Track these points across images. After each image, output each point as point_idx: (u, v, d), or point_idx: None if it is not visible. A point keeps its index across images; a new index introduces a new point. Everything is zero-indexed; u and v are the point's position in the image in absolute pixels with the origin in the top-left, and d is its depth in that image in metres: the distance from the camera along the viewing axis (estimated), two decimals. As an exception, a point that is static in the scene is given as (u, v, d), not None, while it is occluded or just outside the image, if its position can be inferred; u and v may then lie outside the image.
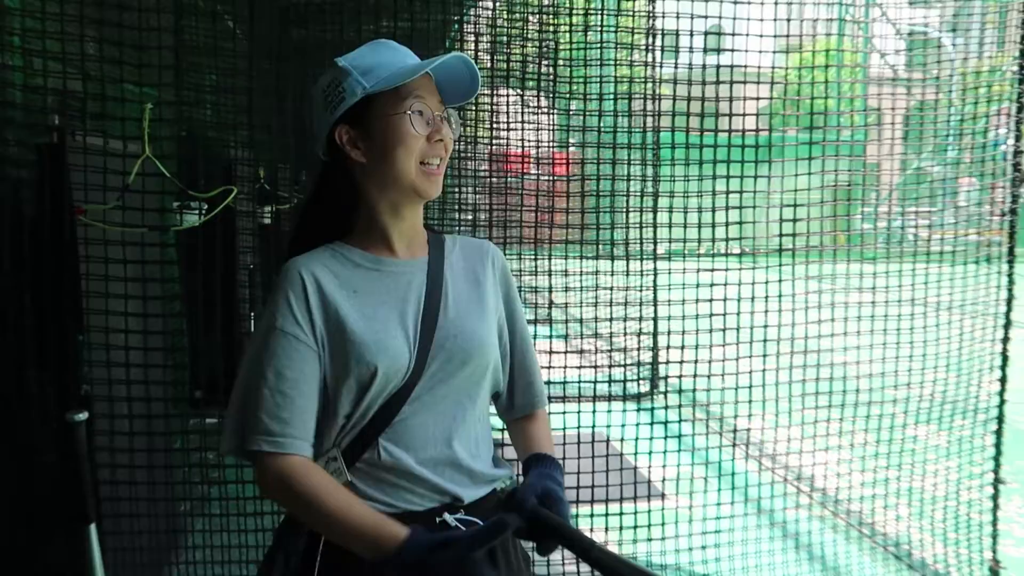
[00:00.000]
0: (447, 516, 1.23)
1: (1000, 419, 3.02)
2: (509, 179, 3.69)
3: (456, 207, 3.89)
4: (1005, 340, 2.96)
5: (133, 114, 2.35)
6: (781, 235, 2.93)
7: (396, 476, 1.21)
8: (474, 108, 3.79)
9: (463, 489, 1.23)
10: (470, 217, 3.76)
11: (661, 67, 3.49)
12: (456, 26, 4.43)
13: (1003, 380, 2.99)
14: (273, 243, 5.38)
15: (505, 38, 3.55)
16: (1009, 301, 2.93)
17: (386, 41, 1.29)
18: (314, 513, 1.15)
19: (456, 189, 4.10)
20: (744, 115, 2.87)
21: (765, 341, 2.89)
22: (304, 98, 3.76)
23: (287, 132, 3.59)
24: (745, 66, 2.96)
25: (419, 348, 1.22)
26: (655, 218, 3.83)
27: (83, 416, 1.68)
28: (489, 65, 3.28)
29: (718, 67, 2.81)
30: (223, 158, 3.67)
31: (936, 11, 3.25)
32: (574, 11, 3.07)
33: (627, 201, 3.46)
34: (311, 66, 3.94)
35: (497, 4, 4.12)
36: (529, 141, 3.50)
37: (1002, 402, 3.00)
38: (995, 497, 3.06)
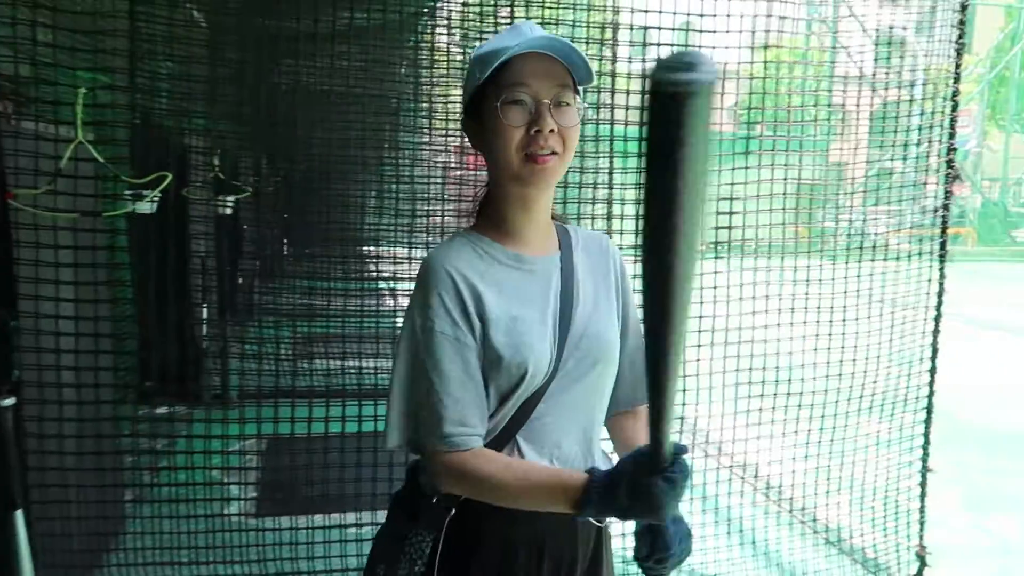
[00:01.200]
0: None
1: (929, 410, 3.13)
2: (472, 172, 3.71)
3: (426, 199, 3.90)
4: (935, 333, 3.06)
5: (82, 100, 2.34)
6: (729, 227, 2.99)
7: None
8: (442, 101, 3.84)
9: None
10: (437, 208, 3.79)
11: (630, 62, 3.54)
12: (425, 19, 4.44)
13: (932, 372, 3.09)
14: (233, 233, 5.36)
15: (475, 31, 3.57)
16: (939, 295, 3.03)
17: (521, 24, 1.23)
18: (500, 493, 1.16)
19: (426, 181, 4.12)
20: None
21: (701, 332, 2.96)
22: (267, 87, 3.77)
23: (250, 122, 3.59)
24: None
25: (557, 347, 1.21)
26: (609, 210, 3.88)
27: (10, 401, 1.68)
28: (460, 58, 3.31)
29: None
30: (177, 146, 3.66)
31: (903, 11, 3.33)
32: (545, 5, 3.09)
33: (593, 193, 3.49)
34: (279, 56, 3.93)
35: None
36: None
37: (931, 393, 3.11)
38: (923, 485, 3.17)
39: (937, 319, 3.05)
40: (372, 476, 2.84)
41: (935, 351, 3.09)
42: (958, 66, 3.03)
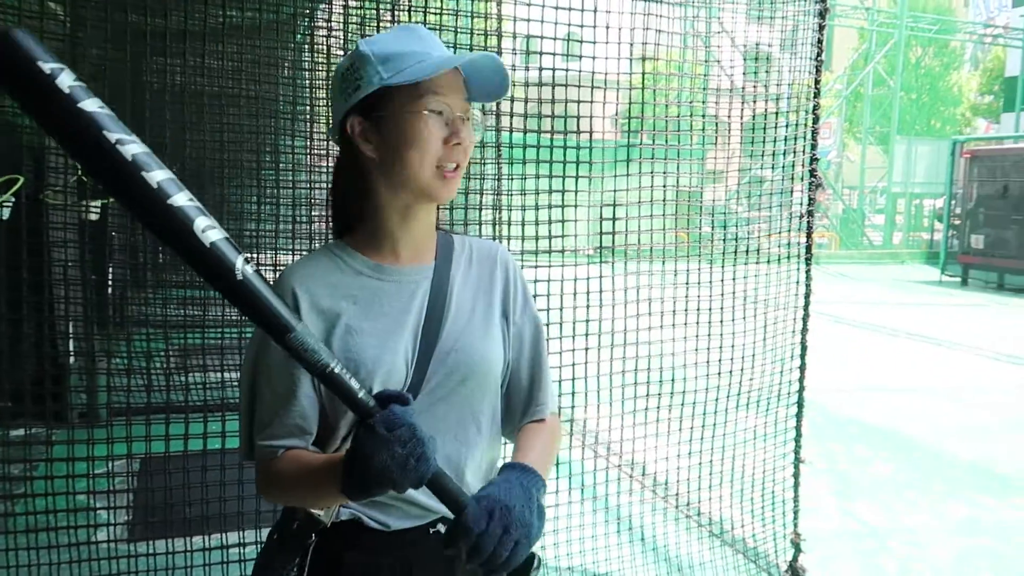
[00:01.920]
0: (441, 527, 1.19)
1: (800, 404, 3.31)
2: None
3: (308, 204, 3.78)
4: (804, 332, 3.25)
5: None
6: (613, 233, 3.07)
7: (392, 498, 1.15)
8: (324, 104, 3.75)
9: None
10: (319, 213, 3.69)
11: (514, 69, 3.56)
12: (307, 20, 4.33)
13: (802, 368, 3.28)
14: (100, 240, 5.03)
15: (358, 35, 3.49)
16: (807, 296, 3.22)
17: (415, 27, 1.19)
18: (292, 490, 1.14)
19: (308, 186, 4.00)
20: (588, 118, 2.98)
21: (588, 335, 3.02)
22: (138, 88, 3.57)
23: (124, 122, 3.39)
24: (593, 71, 3.06)
25: (417, 363, 1.15)
26: (496, 216, 3.89)
27: None
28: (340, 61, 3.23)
29: (566, 71, 2.89)
30: (32, 148, 3.41)
31: (769, 28, 3.51)
32: (428, 11, 3.06)
33: (480, 200, 3.49)
34: (152, 55, 3.72)
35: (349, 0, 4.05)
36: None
37: (801, 388, 3.29)
38: (796, 476, 3.35)
39: (805, 318, 3.23)
40: (255, 492, 2.71)
41: (804, 348, 3.27)
42: (817, 81, 3.24)
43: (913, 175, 25.05)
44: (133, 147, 0.84)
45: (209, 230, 0.88)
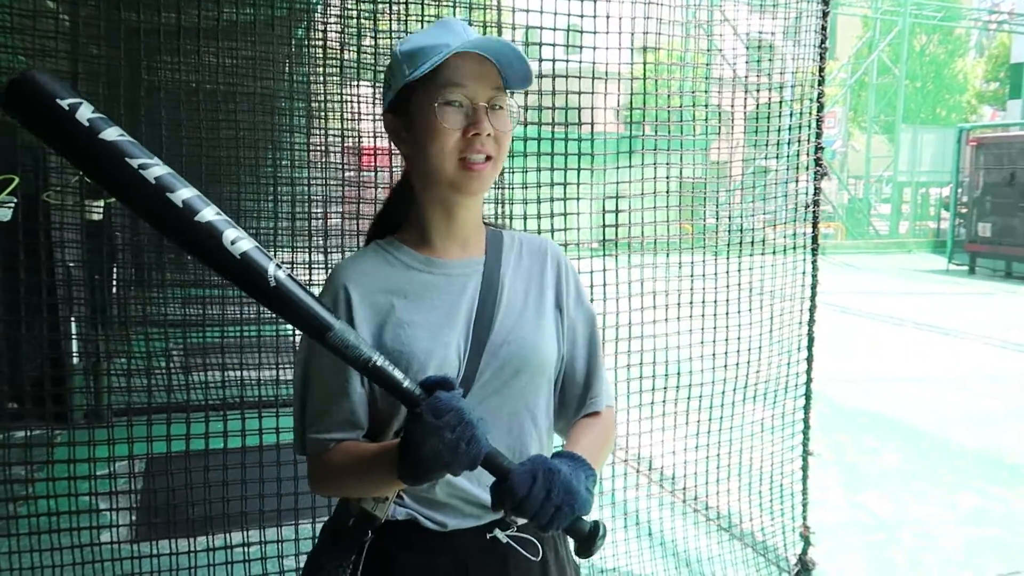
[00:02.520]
0: (498, 532, 1.19)
1: (808, 395, 3.28)
2: (365, 172, 3.61)
3: (308, 200, 3.77)
4: (811, 323, 3.21)
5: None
6: (616, 225, 3.04)
7: (447, 496, 1.16)
8: (330, 99, 3.72)
9: None
10: (320, 211, 3.67)
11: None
12: (305, 16, 4.30)
13: (809, 359, 3.25)
14: (103, 240, 5.03)
15: (354, 31, 3.47)
16: (813, 286, 3.18)
17: (448, 20, 1.18)
18: (344, 479, 1.15)
19: (306, 183, 3.99)
20: (590, 110, 2.94)
21: (602, 328, 2.98)
22: (137, 85, 3.55)
23: (119, 121, 3.37)
24: (595, 62, 3.03)
25: (470, 356, 1.15)
26: (498, 211, 3.87)
27: None
28: (347, 57, 3.22)
29: (566, 63, 2.86)
30: (31, 147, 3.39)
31: (772, 17, 3.47)
32: (427, 3, 3.04)
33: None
34: (149, 52, 3.70)
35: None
36: (384, 134, 3.43)
37: (808, 379, 3.26)
38: (805, 468, 3.32)
39: (812, 309, 3.20)
40: (259, 492, 2.70)
41: (811, 340, 3.24)
42: (821, 70, 3.19)
43: (919, 164, 24.90)
44: (156, 169, 0.88)
45: (238, 241, 0.91)
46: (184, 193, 0.89)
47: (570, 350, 1.27)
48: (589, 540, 1.03)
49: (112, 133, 0.86)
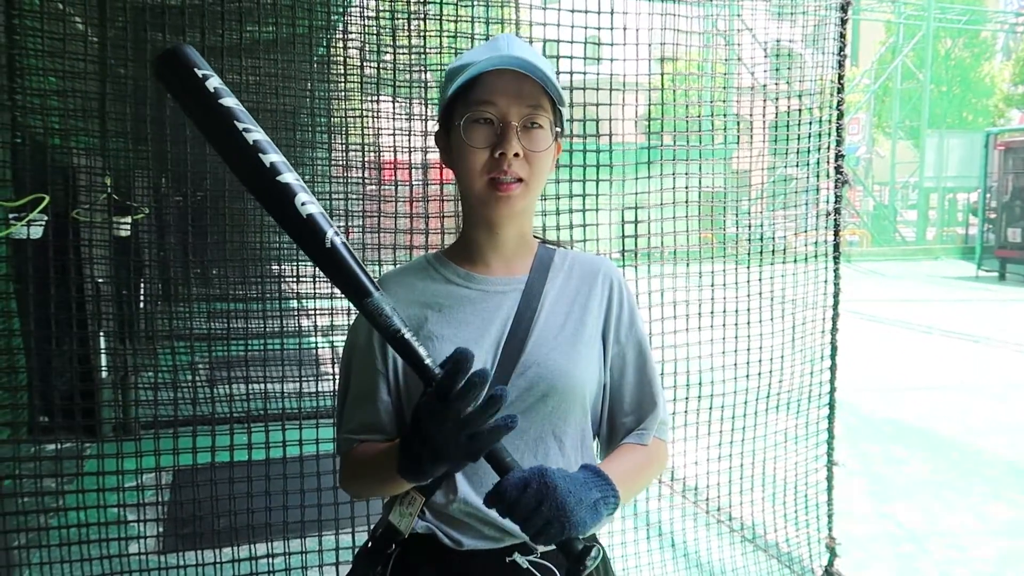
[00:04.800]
0: (517, 556, 1.17)
1: (832, 405, 3.25)
2: (385, 186, 3.65)
3: (331, 214, 3.81)
4: (834, 331, 3.19)
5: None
6: (636, 236, 3.03)
7: (462, 514, 1.16)
8: (351, 114, 3.77)
9: None
10: (342, 224, 3.71)
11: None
12: (327, 33, 4.36)
13: (833, 368, 3.22)
14: (131, 256, 5.12)
15: (376, 45, 3.52)
16: (836, 295, 3.16)
17: (499, 36, 1.17)
18: (362, 477, 1.19)
19: (328, 197, 4.03)
20: (609, 120, 2.95)
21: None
22: (160, 103, 3.62)
23: (144, 139, 3.43)
24: (612, 74, 3.04)
25: (496, 374, 1.13)
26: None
27: None
28: (362, 72, 3.26)
29: (584, 74, 2.88)
30: (63, 167, 3.46)
31: (791, 24, 3.47)
32: (443, 18, 3.07)
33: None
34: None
35: (368, 11, 4.09)
36: (404, 148, 3.46)
37: (832, 388, 3.23)
38: (830, 479, 3.28)
39: (835, 318, 3.17)
40: (283, 504, 2.73)
41: (834, 348, 3.21)
42: (841, 76, 3.18)
43: (945, 169, 24.58)
44: (256, 135, 1.00)
45: (308, 204, 0.99)
46: (273, 157, 0.99)
47: (617, 379, 1.24)
48: (576, 561, 0.98)
49: (230, 101, 0.99)
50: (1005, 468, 4.99)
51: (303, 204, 0.99)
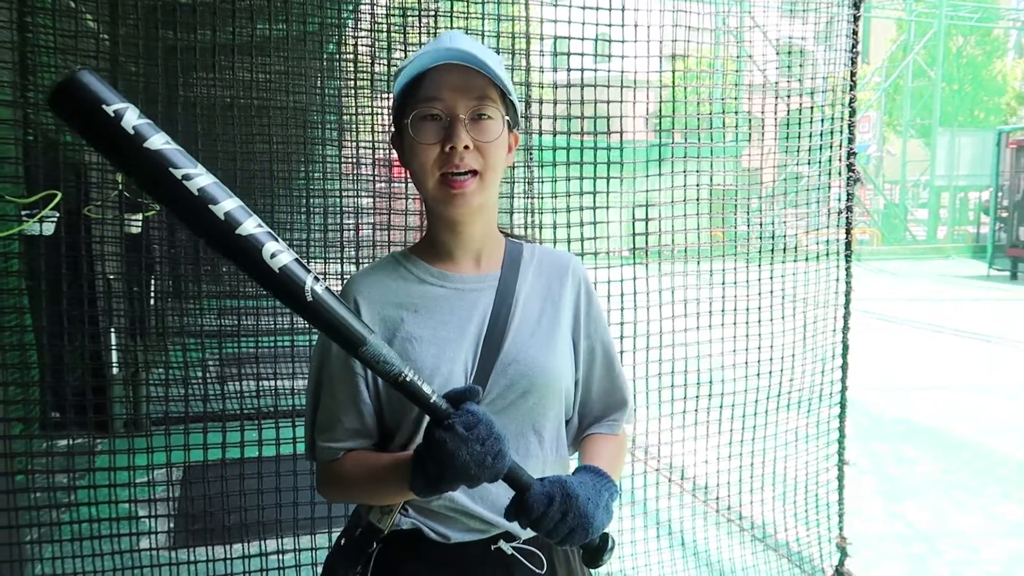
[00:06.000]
0: (503, 544, 1.18)
1: (843, 404, 3.23)
2: (395, 183, 3.65)
3: (339, 212, 3.81)
4: (845, 330, 3.17)
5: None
6: (647, 234, 3.03)
7: (446, 509, 1.16)
8: (359, 114, 3.78)
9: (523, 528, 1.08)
10: (351, 222, 3.71)
11: (541, 72, 3.55)
12: (336, 31, 4.36)
13: (844, 367, 3.20)
14: (141, 252, 5.14)
15: (386, 44, 3.52)
16: (847, 293, 3.14)
17: (444, 35, 1.14)
18: (357, 488, 1.17)
19: (338, 194, 4.04)
20: (619, 118, 2.95)
21: (624, 337, 2.98)
22: (174, 102, 3.64)
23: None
24: (623, 71, 3.04)
25: (477, 373, 1.13)
26: (528, 219, 3.88)
27: None
28: (378, 70, 3.26)
29: (594, 72, 2.87)
30: (74, 164, 3.48)
31: (803, 21, 3.45)
32: (454, 15, 3.07)
33: (511, 203, 3.47)
34: (184, 69, 3.78)
35: (377, 9, 4.09)
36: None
37: (844, 388, 3.21)
38: (840, 478, 3.27)
39: (846, 316, 3.16)
40: (293, 500, 2.74)
41: (846, 347, 3.19)
42: (853, 74, 3.16)
43: (957, 167, 24.42)
44: (200, 180, 0.86)
45: (278, 255, 0.91)
46: (227, 205, 0.88)
47: (587, 373, 1.25)
48: (597, 552, 1.04)
49: (158, 141, 0.84)
50: (1017, 468, 4.95)
51: (272, 256, 0.90)
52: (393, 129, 1.19)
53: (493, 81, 1.10)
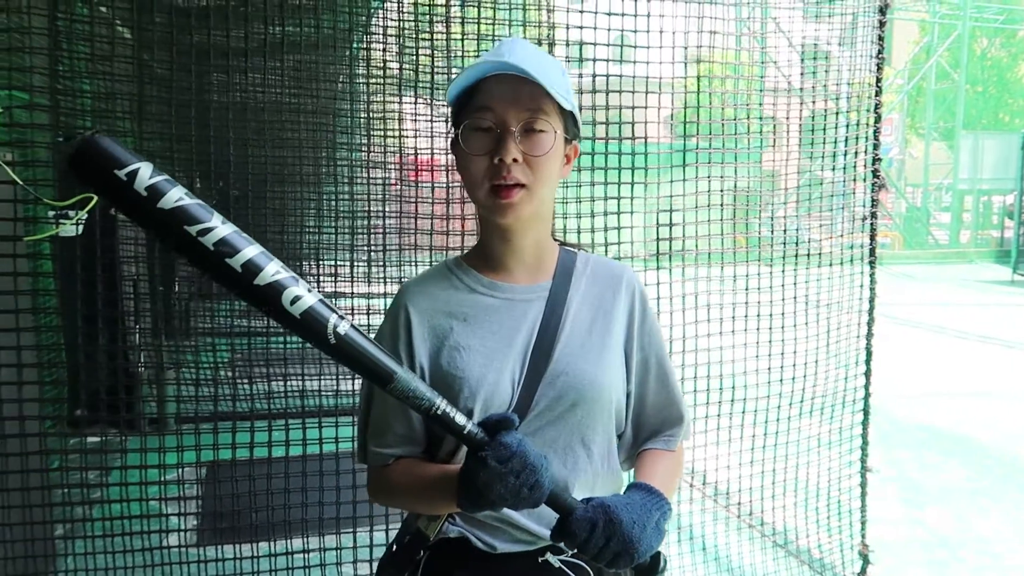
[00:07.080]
0: (550, 556, 1.17)
1: (866, 410, 3.22)
2: (411, 185, 3.68)
3: (351, 215, 3.85)
4: (869, 336, 3.16)
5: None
6: (670, 238, 3.03)
7: (496, 520, 1.15)
8: (373, 115, 3.81)
9: None
10: (378, 223, 3.74)
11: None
12: (357, 33, 4.40)
13: (868, 373, 3.19)
14: (167, 253, 5.21)
15: (410, 46, 3.55)
16: (871, 299, 3.13)
17: (503, 42, 1.13)
18: (405, 496, 1.18)
19: (348, 199, 4.07)
20: (643, 123, 2.95)
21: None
22: (199, 103, 3.69)
23: (182, 139, 3.50)
24: (648, 76, 3.05)
25: (524, 384, 1.12)
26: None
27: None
28: (396, 72, 3.29)
29: (620, 76, 2.88)
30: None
31: (827, 25, 3.45)
32: (480, 21, 3.08)
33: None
34: (210, 71, 3.82)
35: (400, 12, 4.13)
36: (437, 150, 3.49)
37: (867, 394, 3.20)
38: (863, 485, 3.26)
39: (870, 322, 3.15)
40: (319, 500, 2.77)
41: (869, 353, 3.18)
42: (879, 79, 3.15)
43: (980, 171, 24.10)
44: (216, 233, 0.88)
45: (301, 299, 0.92)
46: (246, 254, 0.89)
47: (641, 386, 1.23)
48: (648, 573, 1.04)
49: (172, 198, 0.85)
50: (1042, 476, 4.90)
51: (294, 302, 0.91)
52: (452, 135, 1.20)
53: (548, 92, 1.08)
